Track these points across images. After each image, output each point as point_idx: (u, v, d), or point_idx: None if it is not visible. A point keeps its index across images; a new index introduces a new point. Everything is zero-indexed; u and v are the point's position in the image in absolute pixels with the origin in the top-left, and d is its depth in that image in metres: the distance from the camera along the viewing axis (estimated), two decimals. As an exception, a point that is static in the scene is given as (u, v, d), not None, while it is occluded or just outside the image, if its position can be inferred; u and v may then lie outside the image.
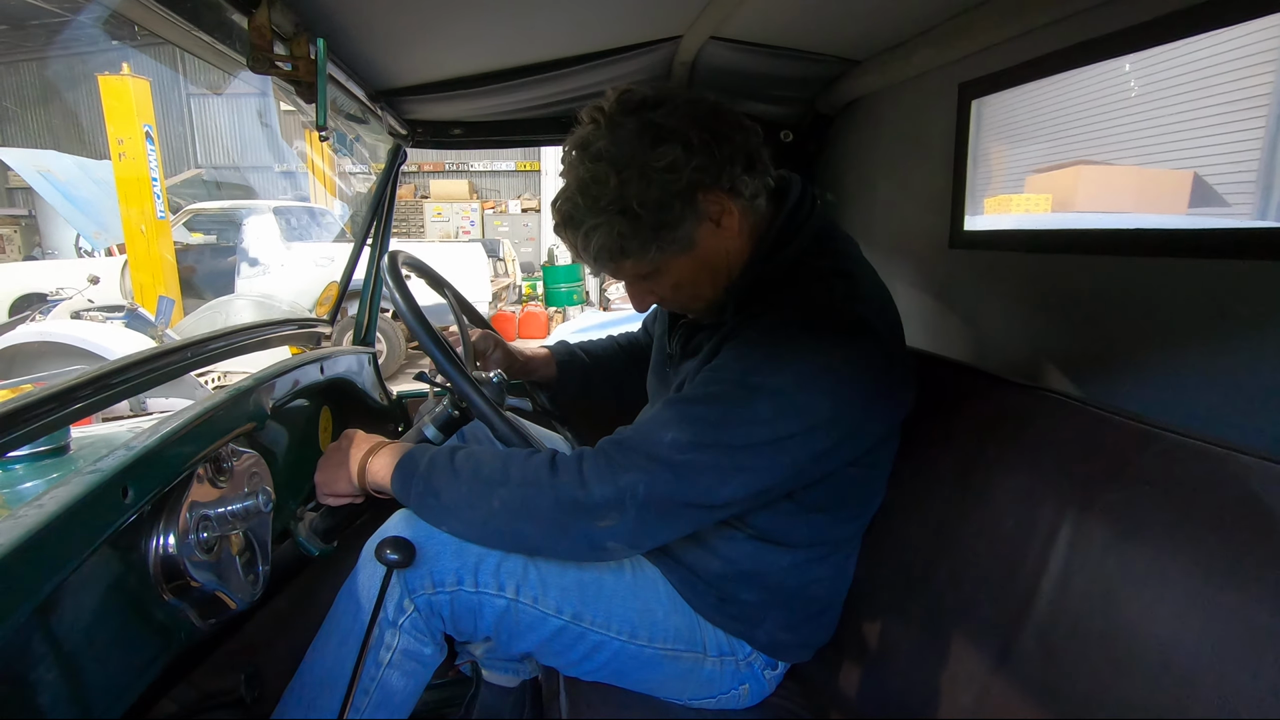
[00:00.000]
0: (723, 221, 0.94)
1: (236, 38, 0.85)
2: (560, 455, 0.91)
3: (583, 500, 0.86)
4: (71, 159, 7.46)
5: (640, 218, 0.89)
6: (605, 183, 0.89)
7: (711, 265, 0.97)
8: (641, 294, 1.02)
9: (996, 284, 1.20)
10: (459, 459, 0.94)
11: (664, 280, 0.98)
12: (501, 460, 0.92)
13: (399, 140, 1.65)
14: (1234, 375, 0.77)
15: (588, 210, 0.90)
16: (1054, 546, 0.79)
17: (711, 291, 1.00)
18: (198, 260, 7.15)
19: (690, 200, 0.91)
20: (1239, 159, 3.79)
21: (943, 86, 1.25)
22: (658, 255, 0.93)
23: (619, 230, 0.90)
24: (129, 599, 0.75)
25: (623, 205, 0.89)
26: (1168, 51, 0.87)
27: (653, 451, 0.86)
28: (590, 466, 0.87)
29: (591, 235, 0.91)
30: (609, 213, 0.89)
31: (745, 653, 1.06)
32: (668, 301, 1.03)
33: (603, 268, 0.96)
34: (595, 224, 0.90)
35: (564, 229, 0.95)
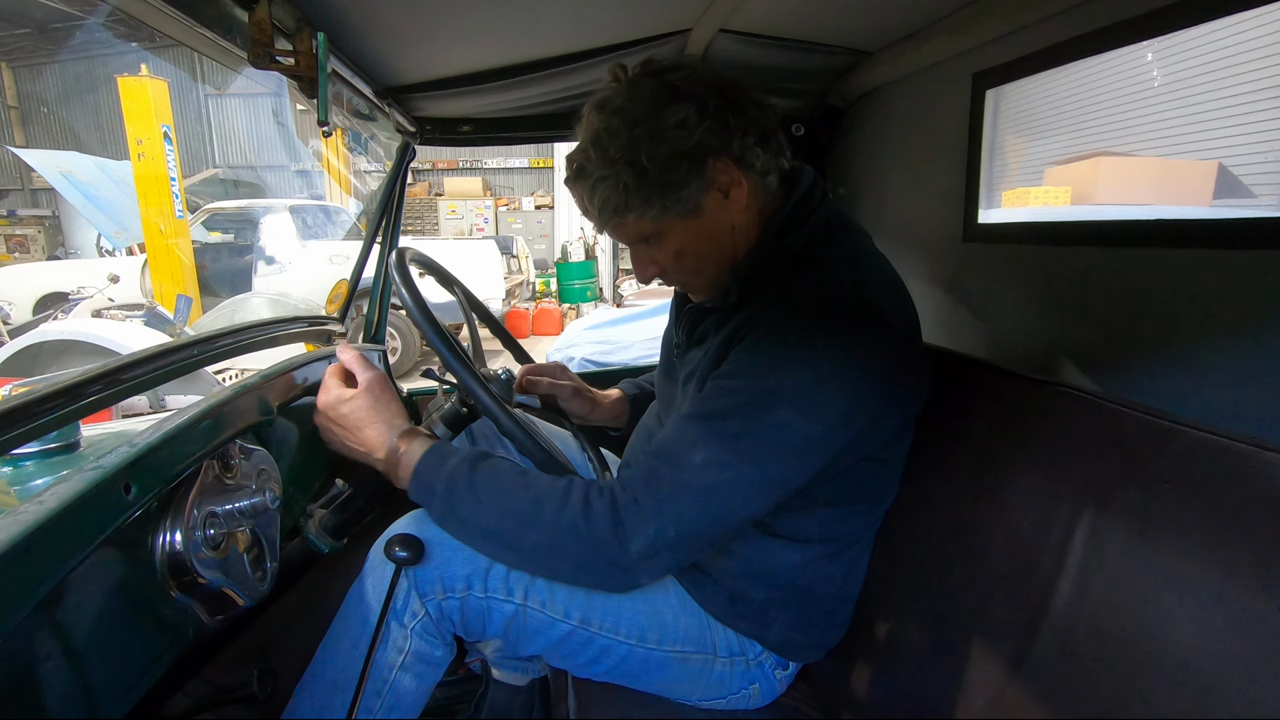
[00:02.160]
0: (731, 193, 0.93)
1: (238, 32, 0.85)
2: (593, 497, 0.88)
3: (619, 556, 0.86)
4: (92, 160, 7.56)
5: (647, 173, 0.88)
6: (617, 135, 0.88)
7: (716, 237, 0.95)
8: (644, 261, 1.00)
9: (1011, 278, 1.17)
10: (480, 482, 0.91)
11: (667, 246, 0.96)
12: (532, 497, 0.89)
13: (407, 137, 1.64)
14: (1257, 369, 0.75)
15: (598, 162, 0.90)
16: (1071, 546, 0.77)
17: (715, 268, 0.98)
18: (215, 259, 7.23)
19: (699, 163, 0.90)
20: (1266, 149, 3.70)
21: (957, 77, 1.22)
22: (660, 214, 0.92)
23: (625, 183, 0.89)
24: (136, 595, 0.75)
25: (631, 158, 0.88)
26: (1192, 39, 0.85)
27: (682, 478, 0.85)
28: (627, 516, 0.85)
29: (598, 187, 0.90)
30: (617, 164, 0.88)
31: (756, 653, 1.05)
32: (670, 273, 1.00)
33: (607, 223, 0.95)
34: (603, 176, 0.90)
35: (574, 182, 0.94)
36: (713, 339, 0.98)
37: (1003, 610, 0.85)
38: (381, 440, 0.97)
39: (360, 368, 1.02)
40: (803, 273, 0.94)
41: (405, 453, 0.96)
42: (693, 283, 1.02)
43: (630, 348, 4.97)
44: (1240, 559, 0.62)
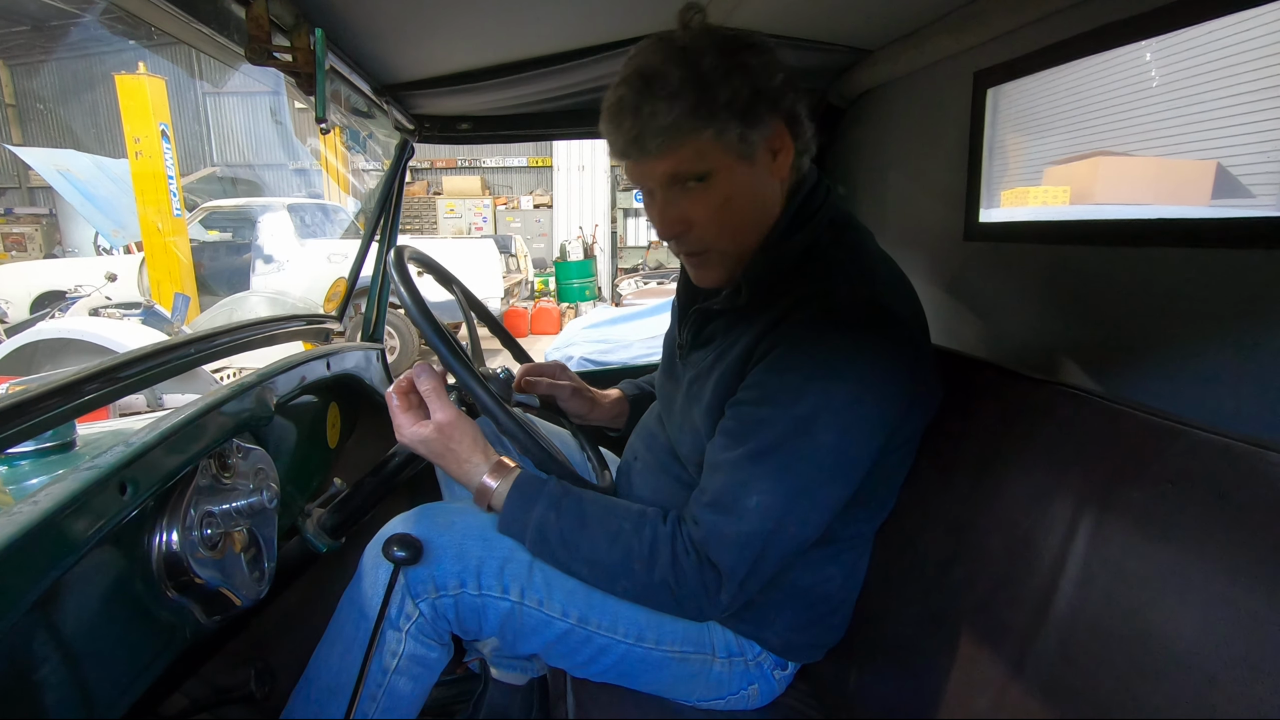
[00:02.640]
0: (778, 158, 0.92)
1: (235, 29, 0.84)
2: (679, 554, 0.90)
3: (709, 609, 0.91)
4: (90, 158, 7.54)
5: (732, 100, 0.85)
6: (704, 55, 0.85)
7: (758, 197, 0.93)
8: (676, 210, 0.91)
9: (1012, 277, 1.17)
10: (568, 529, 0.93)
11: (715, 189, 0.89)
12: (621, 550, 0.92)
13: (405, 135, 1.64)
14: (1260, 369, 0.74)
15: (678, 78, 0.84)
16: (1073, 546, 0.77)
17: (745, 236, 0.94)
18: (214, 257, 7.21)
19: (772, 109, 0.88)
20: (1264, 149, 3.70)
21: (957, 75, 1.22)
22: (729, 145, 0.87)
23: (708, 100, 0.84)
24: (132, 596, 0.75)
25: (715, 81, 0.84)
26: (1190, 39, 0.85)
27: (744, 530, 0.86)
28: (710, 577, 0.88)
29: (676, 100, 0.83)
30: (701, 83, 0.84)
31: (755, 653, 1.04)
32: (696, 230, 0.92)
33: (668, 139, 0.85)
34: (677, 93, 0.84)
35: (639, 89, 0.85)
36: (721, 342, 0.97)
37: (1004, 610, 0.85)
38: (465, 479, 0.99)
39: (437, 404, 0.99)
40: (814, 277, 0.92)
41: (494, 495, 0.98)
42: (717, 249, 0.94)
43: (629, 347, 4.97)
44: (1243, 560, 0.61)
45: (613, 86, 0.89)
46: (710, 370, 0.97)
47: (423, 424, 0.97)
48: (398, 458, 1.18)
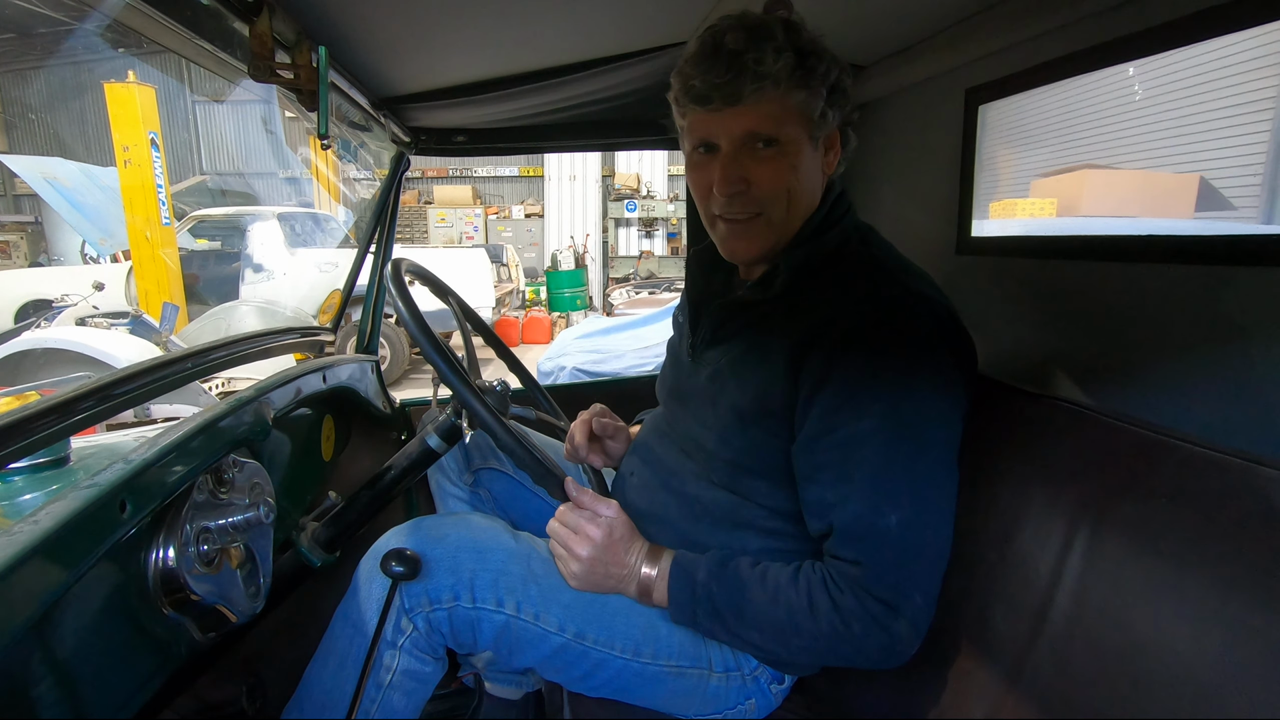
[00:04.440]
0: (828, 155, 0.97)
1: (238, 45, 0.85)
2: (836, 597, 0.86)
3: (891, 644, 0.86)
4: (77, 166, 7.48)
5: (826, 75, 0.89)
6: (801, 33, 0.88)
7: (810, 182, 0.95)
8: (741, 167, 0.92)
9: (1004, 290, 1.19)
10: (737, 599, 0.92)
11: (784, 157, 0.91)
12: (784, 608, 0.89)
13: (402, 148, 1.64)
14: (1251, 384, 0.76)
15: (784, 38, 0.86)
16: (1068, 559, 0.78)
17: (793, 210, 0.95)
18: (203, 266, 7.16)
19: (840, 106, 0.93)
20: (1245, 162, 3.76)
21: (949, 92, 1.24)
22: (810, 119, 0.90)
23: (810, 67, 0.88)
24: (128, 613, 0.74)
25: (816, 54, 0.88)
26: (1172, 54, 0.86)
27: (897, 550, 0.84)
28: (878, 610, 0.85)
29: (782, 54, 0.86)
30: (799, 51, 0.87)
31: (751, 667, 1.04)
32: (757, 189, 0.93)
33: (761, 90, 0.87)
34: (782, 47, 0.86)
35: (746, 35, 0.86)
36: (750, 336, 0.97)
37: (1000, 623, 0.85)
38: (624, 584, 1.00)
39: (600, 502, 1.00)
40: (855, 277, 0.93)
41: (656, 592, 0.98)
42: (769, 215, 0.95)
43: (622, 357, 4.96)
44: (1236, 573, 0.62)
45: (704, 36, 0.89)
46: (736, 365, 0.97)
47: (596, 521, 0.98)
48: (393, 471, 1.17)
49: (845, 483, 0.86)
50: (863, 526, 0.85)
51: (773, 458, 0.94)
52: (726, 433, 0.97)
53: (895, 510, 0.83)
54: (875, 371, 0.85)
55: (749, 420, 0.95)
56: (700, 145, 0.96)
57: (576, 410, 1.33)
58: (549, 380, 4.81)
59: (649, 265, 11.67)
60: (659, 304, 7.48)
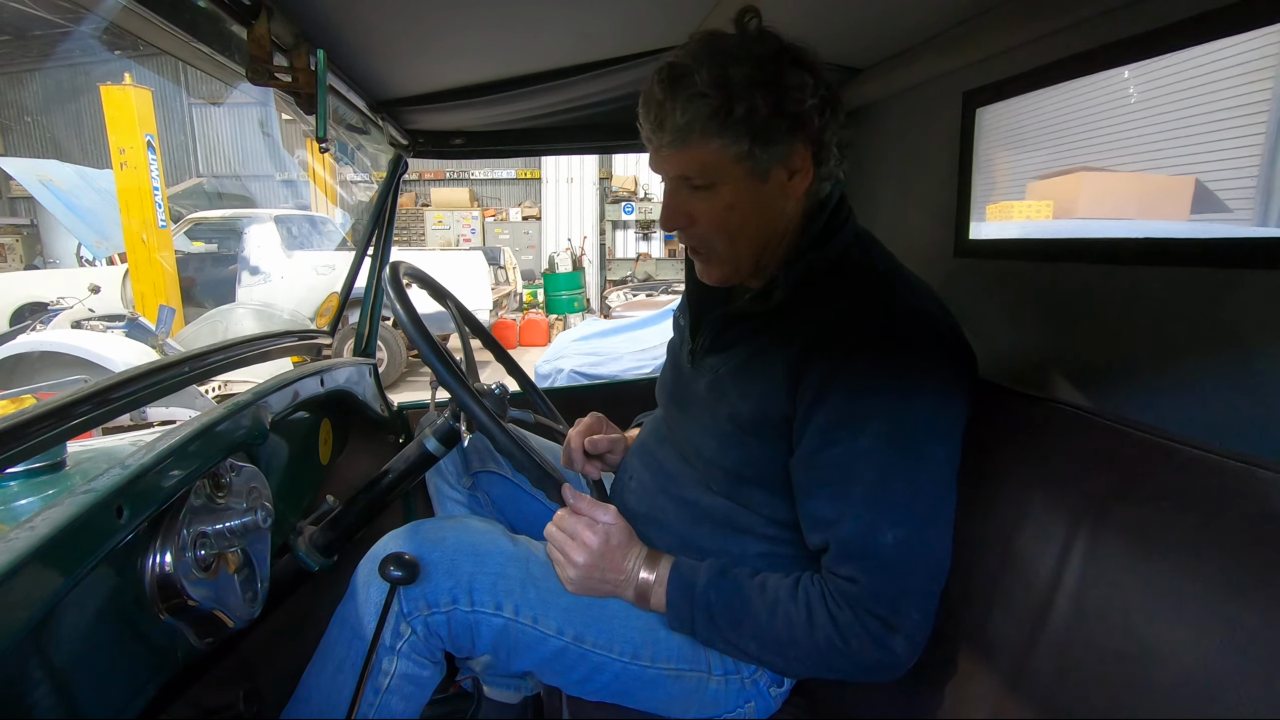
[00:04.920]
0: (794, 179, 0.93)
1: (235, 49, 0.84)
2: (835, 613, 0.87)
3: (889, 660, 0.86)
4: (73, 168, 7.46)
5: (753, 113, 0.86)
6: (740, 64, 0.86)
7: (764, 213, 0.93)
8: (681, 206, 0.94)
9: (1003, 293, 1.19)
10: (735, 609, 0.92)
11: (718, 198, 0.91)
12: (783, 620, 0.89)
13: (400, 150, 1.64)
14: (1250, 386, 0.76)
15: (708, 80, 0.85)
16: (1069, 562, 0.78)
17: (746, 244, 0.95)
18: (199, 269, 7.15)
19: (793, 133, 0.89)
20: (1240, 165, 3.78)
21: (947, 95, 1.24)
22: (737, 160, 0.88)
23: (726, 110, 0.85)
24: (125, 619, 0.73)
25: (744, 92, 0.85)
26: (1167, 57, 0.87)
27: (894, 569, 0.84)
28: (875, 627, 0.85)
29: (695, 101, 0.85)
30: (727, 90, 0.85)
31: (750, 670, 1.04)
32: (701, 231, 0.95)
33: (678, 141, 0.88)
34: (704, 94, 0.85)
35: (667, 87, 0.87)
36: (748, 346, 0.97)
37: (999, 626, 0.85)
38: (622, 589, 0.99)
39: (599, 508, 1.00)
40: (855, 289, 0.93)
41: (654, 598, 0.98)
42: (717, 252, 0.96)
43: (619, 359, 4.96)
44: (1236, 576, 0.62)
45: (655, 71, 0.90)
46: (736, 374, 0.97)
47: (593, 528, 0.98)
48: (391, 474, 1.17)
49: (843, 499, 0.86)
50: (860, 544, 0.85)
51: (771, 468, 0.94)
52: (725, 442, 0.97)
53: (892, 528, 0.83)
54: (875, 387, 0.85)
55: (747, 430, 0.94)
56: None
57: (575, 413, 1.33)
58: (547, 383, 4.81)
59: (646, 267, 11.68)
60: (656, 306, 7.48)
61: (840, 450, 0.86)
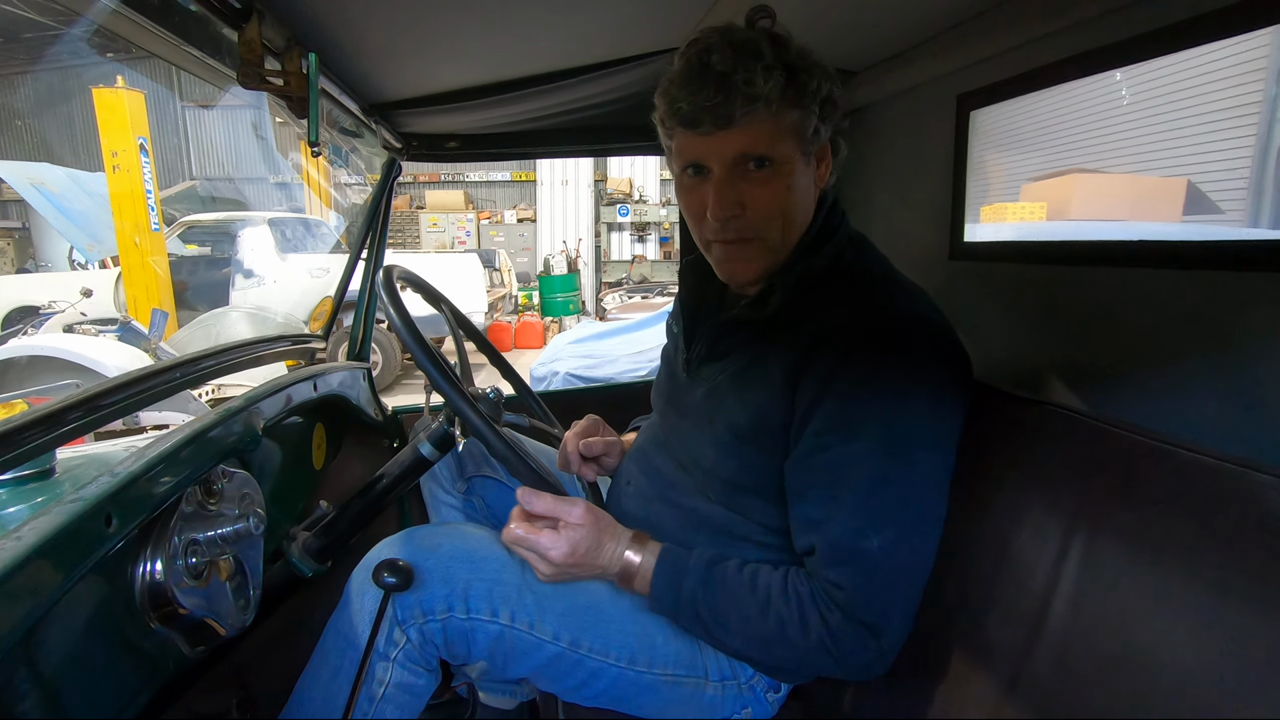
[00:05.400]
0: (820, 168, 0.94)
1: (227, 52, 0.84)
2: (825, 614, 0.87)
3: (873, 661, 0.87)
4: (65, 171, 7.42)
5: (818, 91, 0.86)
6: (801, 53, 0.86)
7: (804, 199, 0.93)
8: (732, 186, 0.89)
9: (998, 295, 1.19)
10: (721, 603, 0.92)
11: (779, 178, 0.89)
12: (773, 619, 0.89)
13: (394, 154, 1.64)
14: (1245, 389, 0.76)
15: (773, 55, 0.83)
16: (1065, 566, 0.77)
17: (788, 232, 0.93)
18: (192, 272, 7.12)
19: (831, 118, 0.91)
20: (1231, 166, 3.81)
21: (941, 98, 1.24)
22: (802, 138, 0.88)
23: (800, 83, 0.85)
24: (114, 628, 0.73)
25: (803, 69, 0.85)
26: (1159, 60, 0.87)
27: (878, 576, 0.84)
28: (861, 632, 0.86)
29: (772, 72, 0.82)
30: (789, 67, 0.83)
31: (747, 675, 1.04)
32: (748, 215, 0.90)
33: (750, 111, 0.83)
34: (771, 65, 0.82)
35: (733, 56, 0.82)
36: (745, 354, 0.96)
37: (996, 630, 0.85)
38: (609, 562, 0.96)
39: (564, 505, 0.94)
40: (851, 293, 0.92)
41: (637, 580, 0.96)
42: (764, 238, 0.93)
43: (615, 361, 4.96)
44: (1233, 579, 0.62)
45: (688, 54, 0.86)
46: (733, 384, 0.96)
47: (561, 529, 0.93)
48: (385, 479, 1.16)
49: (832, 503, 0.86)
50: (846, 549, 0.85)
51: (769, 476, 0.94)
52: (723, 451, 0.97)
53: (879, 533, 0.84)
54: (869, 392, 0.84)
55: (745, 439, 0.94)
56: (690, 167, 0.93)
57: (570, 417, 1.32)
58: (542, 386, 4.80)
59: (642, 270, 11.68)
60: (652, 308, 7.49)
61: (833, 454, 0.86)
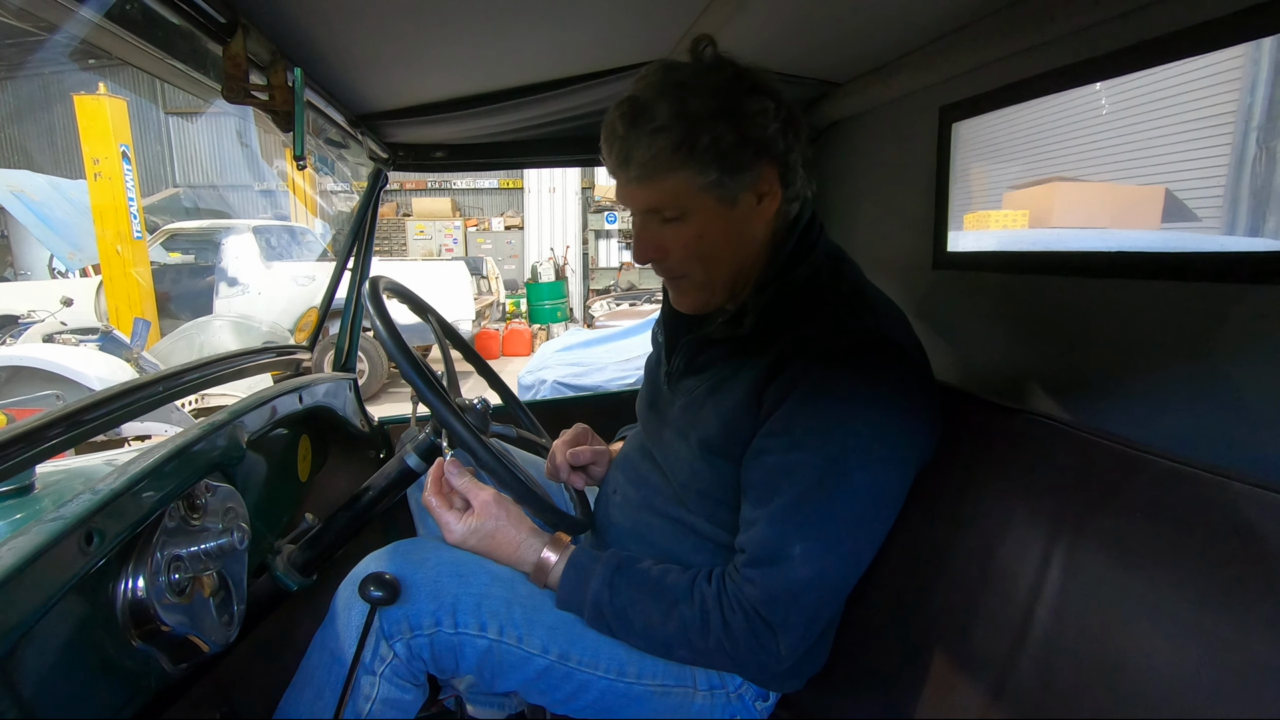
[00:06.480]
0: (764, 202, 0.93)
1: (212, 66, 0.83)
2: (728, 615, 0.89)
3: (772, 663, 0.90)
4: (45, 179, 7.34)
5: (718, 142, 0.86)
6: (699, 96, 0.86)
7: (736, 238, 0.94)
8: (652, 238, 0.94)
9: (981, 305, 1.20)
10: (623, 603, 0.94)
11: (690, 225, 0.91)
12: (676, 622, 0.92)
13: (380, 164, 1.63)
14: (1223, 398, 0.77)
15: (669, 113, 0.85)
16: (1048, 574, 0.78)
17: (720, 271, 0.95)
18: (175, 281, 7.04)
19: (759, 157, 0.89)
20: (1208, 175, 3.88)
21: (923, 109, 1.26)
22: (706, 188, 0.89)
23: (690, 142, 0.85)
24: (95, 647, 0.72)
25: (708, 122, 0.85)
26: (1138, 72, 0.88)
27: (793, 578, 0.86)
28: (763, 633, 0.88)
29: (658, 136, 0.85)
30: (690, 121, 0.85)
31: (735, 685, 1.04)
32: (674, 260, 0.95)
33: (646, 176, 0.88)
34: (666, 126, 0.85)
35: (629, 123, 0.86)
36: (720, 370, 0.97)
37: (981, 638, 0.86)
38: (519, 556, 1.00)
39: (474, 489, 1.01)
40: (821, 310, 0.93)
41: (549, 577, 0.99)
42: (692, 277, 0.97)
43: (603, 369, 4.95)
44: (1211, 588, 0.63)
45: (613, 106, 0.89)
46: (707, 398, 0.97)
47: (469, 513, 0.99)
48: (371, 491, 1.15)
49: (763, 505, 0.89)
50: (768, 550, 0.87)
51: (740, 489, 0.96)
52: (696, 465, 0.99)
53: (802, 541, 0.86)
54: (817, 407, 0.86)
55: (717, 452, 0.96)
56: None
57: (558, 426, 1.32)
58: (530, 394, 4.78)
59: (629, 277, 11.69)
60: (640, 315, 7.49)
61: (773, 459, 0.88)
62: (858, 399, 0.86)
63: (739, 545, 0.92)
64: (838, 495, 0.86)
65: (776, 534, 0.87)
